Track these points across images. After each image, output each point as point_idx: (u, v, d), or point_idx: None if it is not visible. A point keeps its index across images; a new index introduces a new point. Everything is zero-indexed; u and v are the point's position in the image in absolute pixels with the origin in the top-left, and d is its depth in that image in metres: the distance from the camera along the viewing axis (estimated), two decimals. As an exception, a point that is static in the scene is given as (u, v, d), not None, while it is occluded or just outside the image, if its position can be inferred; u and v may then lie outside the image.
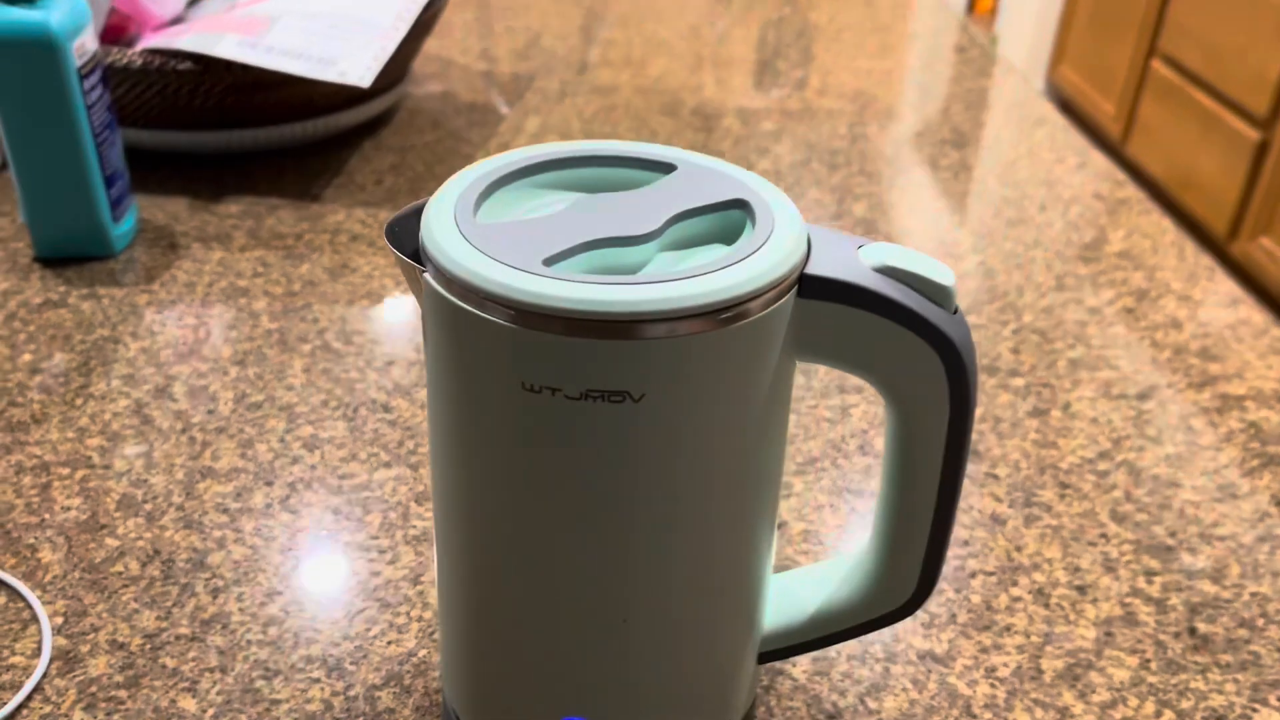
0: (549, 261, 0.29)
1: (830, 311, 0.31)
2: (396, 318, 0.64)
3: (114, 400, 0.56)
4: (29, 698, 0.41)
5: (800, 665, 0.44)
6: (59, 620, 0.44)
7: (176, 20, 0.83)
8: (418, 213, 0.33)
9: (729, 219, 0.33)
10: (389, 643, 0.44)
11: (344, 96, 0.81)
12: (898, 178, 0.83)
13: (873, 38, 1.13)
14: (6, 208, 0.73)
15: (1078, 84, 3.03)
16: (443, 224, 0.30)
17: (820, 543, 0.50)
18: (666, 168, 0.34)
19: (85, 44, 0.64)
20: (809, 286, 0.31)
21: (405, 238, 0.33)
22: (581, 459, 0.30)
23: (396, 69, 0.85)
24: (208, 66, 0.73)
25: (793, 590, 0.39)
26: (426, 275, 0.30)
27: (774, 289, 0.29)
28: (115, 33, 0.80)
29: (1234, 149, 2.30)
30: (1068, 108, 3.17)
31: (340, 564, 0.47)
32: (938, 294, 0.31)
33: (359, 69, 0.73)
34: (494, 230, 0.30)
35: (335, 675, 0.43)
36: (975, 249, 0.74)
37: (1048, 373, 0.62)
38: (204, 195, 0.76)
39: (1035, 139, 0.90)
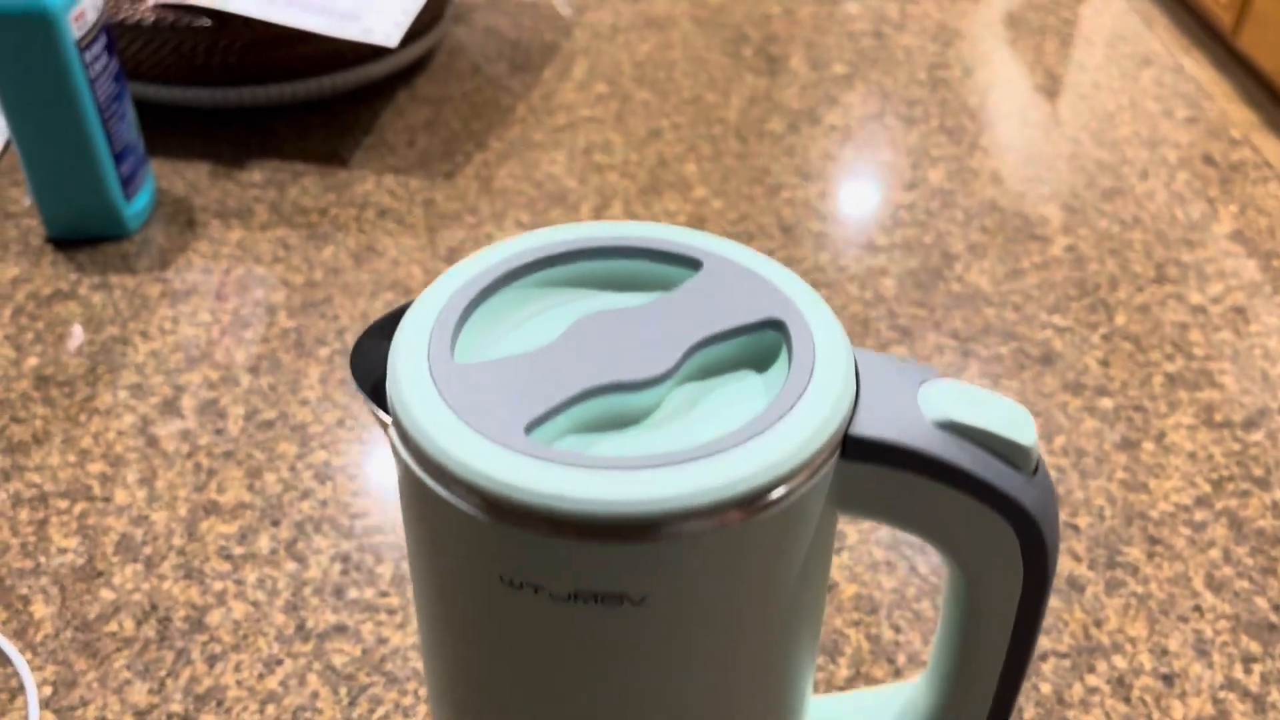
0: (534, 425, 0.24)
1: (880, 475, 0.25)
2: (422, 315, 0.59)
3: (119, 416, 0.53)
4: (11, 788, 0.39)
5: (843, 771, 0.39)
6: (48, 691, 0.42)
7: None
8: (390, 327, 0.28)
9: (760, 339, 0.27)
10: (394, 728, 0.41)
11: (373, 47, 0.75)
12: (981, 136, 0.75)
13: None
14: (20, 183, 0.69)
15: (1187, -34, 2.80)
16: (412, 367, 0.25)
17: (873, 610, 0.45)
18: (691, 263, 0.29)
19: (85, 12, 0.58)
20: (854, 449, 0.25)
21: (373, 361, 0.28)
22: (571, 664, 0.25)
23: (433, 8, 0.78)
24: (224, 22, 0.67)
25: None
26: (393, 433, 0.25)
27: (810, 465, 0.24)
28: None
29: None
30: (1174, -9, 2.94)
31: (346, 628, 0.44)
32: (1014, 454, 0.26)
33: (385, 25, 0.66)
34: (472, 374, 0.25)
35: (334, 768, 0.39)
36: (1065, 229, 0.66)
37: (1141, 392, 0.55)
38: (225, 159, 0.71)
39: (1140, 85, 0.81)
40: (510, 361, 0.25)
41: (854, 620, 0.44)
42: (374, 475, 0.50)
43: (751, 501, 0.23)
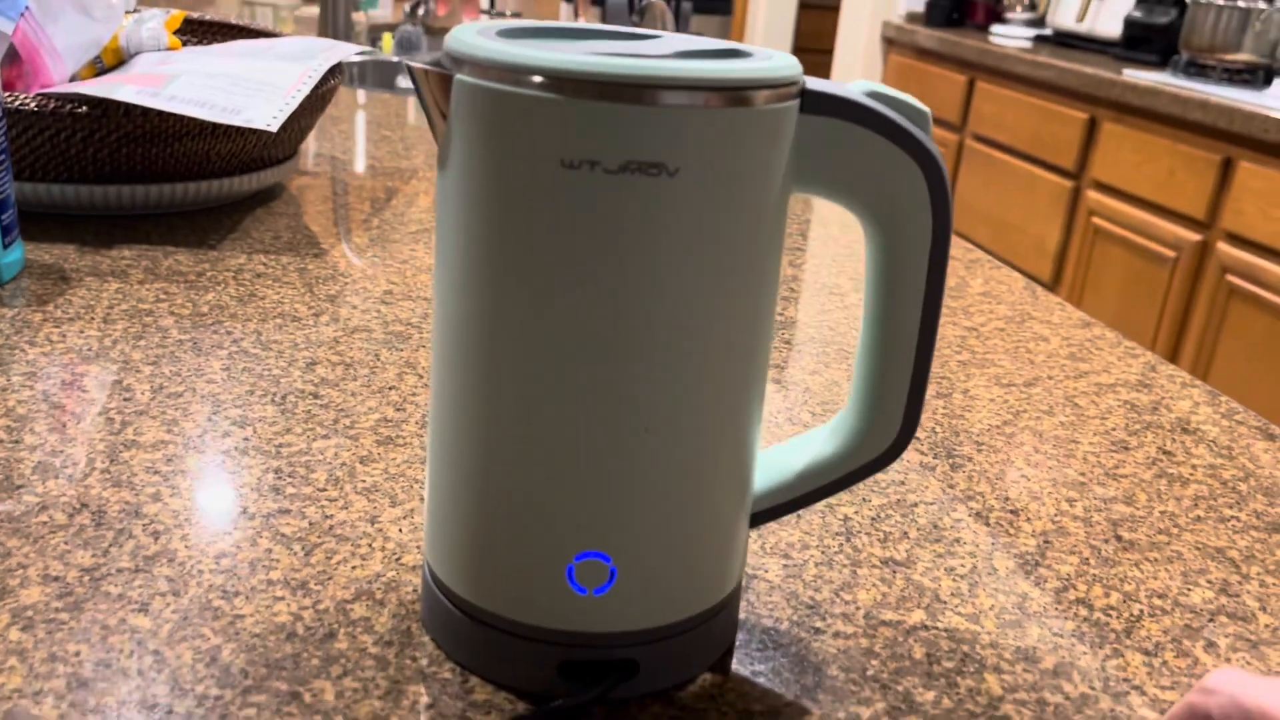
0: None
1: (828, 129, 0.34)
2: (314, 332, 0.63)
3: (17, 392, 0.53)
4: (-44, 620, 0.37)
5: (771, 570, 0.44)
6: (-19, 559, 0.40)
7: (71, 80, 0.83)
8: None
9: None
10: (353, 568, 0.42)
11: (239, 161, 0.82)
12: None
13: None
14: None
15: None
16: (470, 35, 0.32)
17: (768, 486, 0.51)
18: (657, 36, 0.38)
19: (-9, 64, 0.63)
20: (811, 102, 0.34)
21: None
22: (616, 237, 0.31)
23: (289, 144, 0.87)
24: (106, 111, 0.73)
25: (779, 456, 0.40)
26: (459, 76, 0.32)
27: (781, 85, 0.32)
28: (5, 87, 0.78)
29: (1027, 309, 2.53)
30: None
31: (290, 509, 0.45)
32: (918, 118, 0.35)
33: (265, 116, 0.74)
34: (520, 37, 0.32)
35: (301, 594, 0.40)
36: (856, 288, 0.79)
37: (943, 368, 0.66)
38: (91, 242, 0.74)
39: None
40: (547, 38, 0.33)
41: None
42: (294, 422, 0.53)
43: (746, 89, 0.31)
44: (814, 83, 0.34)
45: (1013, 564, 0.46)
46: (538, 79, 0.30)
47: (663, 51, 0.34)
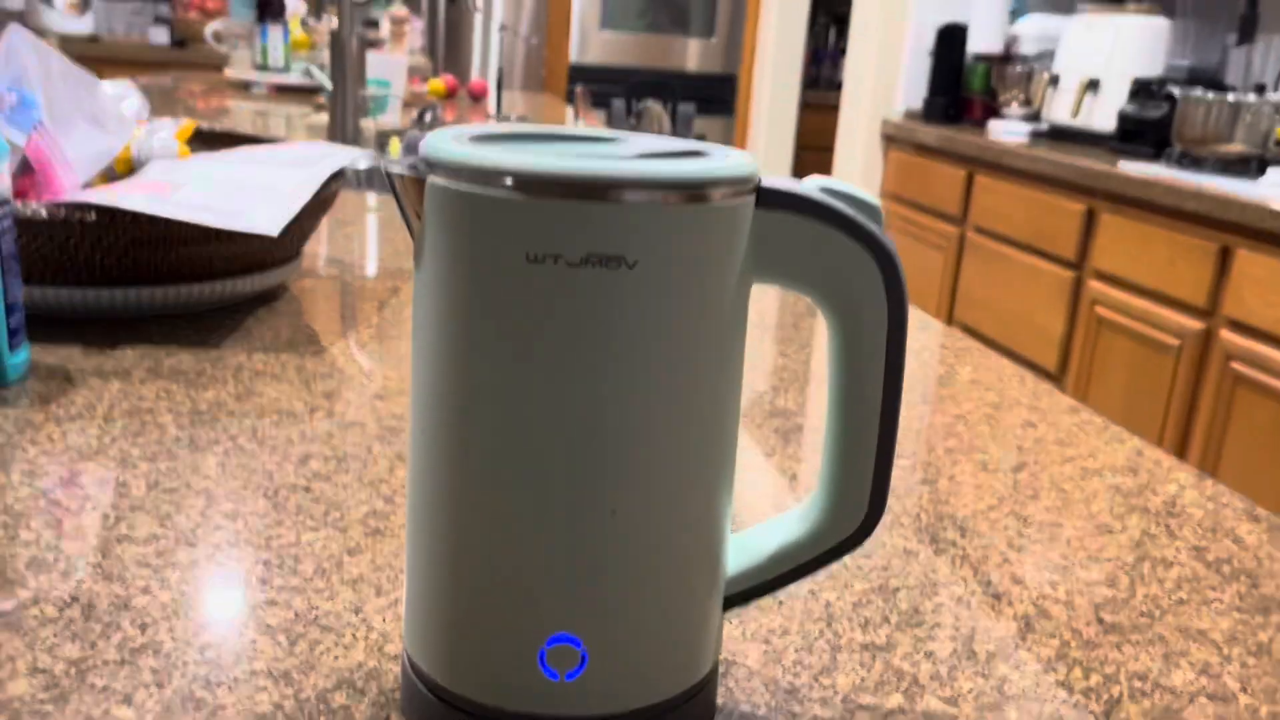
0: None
1: (783, 222, 0.36)
2: (309, 427, 0.64)
3: (15, 489, 0.54)
4: (-58, 712, 0.38)
5: (751, 656, 0.45)
6: (-30, 653, 0.41)
7: (85, 187, 0.86)
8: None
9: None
10: (336, 657, 0.43)
11: (243, 263, 0.84)
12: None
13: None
14: (-115, 352, 0.71)
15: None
16: (444, 140, 0.34)
17: (751, 573, 0.51)
18: (622, 139, 0.40)
19: (3, 176, 0.66)
20: (766, 198, 0.35)
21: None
22: (579, 326, 0.32)
23: (292, 245, 0.89)
24: (114, 218, 0.76)
25: (751, 540, 0.41)
26: (432, 179, 0.34)
27: (737, 183, 0.34)
28: (17, 196, 0.82)
29: (1034, 398, 2.53)
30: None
31: (278, 600, 0.46)
32: (870, 212, 0.37)
33: (266, 220, 0.77)
34: (489, 143, 0.34)
35: (284, 683, 0.41)
36: (845, 379, 0.80)
37: (930, 455, 0.67)
38: (96, 344, 0.76)
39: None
40: (514, 143, 0.35)
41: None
42: (285, 515, 0.54)
43: (703, 186, 0.33)
44: (770, 180, 0.36)
45: (993, 647, 0.46)
46: (504, 180, 0.32)
47: (625, 153, 0.36)
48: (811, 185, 0.37)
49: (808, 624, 0.47)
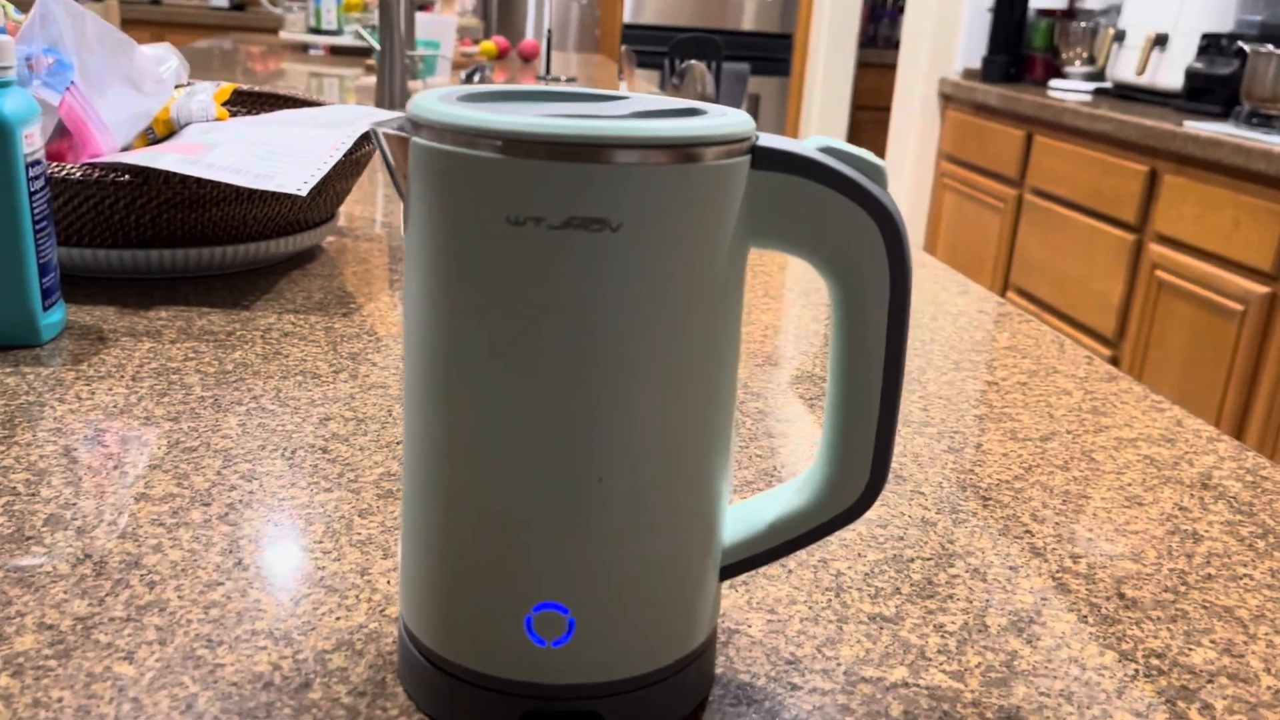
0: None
1: (780, 184, 0.35)
2: (332, 388, 0.65)
3: (40, 446, 0.55)
4: (-50, 665, 0.38)
5: (755, 625, 0.44)
6: (-17, 607, 0.42)
7: (124, 150, 0.86)
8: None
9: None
10: (338, 618, 0.43)
11: (276, 225, 0.85)
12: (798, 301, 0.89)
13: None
14: (-73, 311, 0.73)
15: (944, 320, 3.25)
16: (431, 100, 0.34)
17: (763, 541, 0.51)
18: (621, 98, 0.39)
19: (35, 135, 0.67)
20: (762, 158, 0.34)
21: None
22: (563, 290, 0.32)
23: (326, 207, 0.90)
24: (147, 179, 0.76)
25: (750, 509, 0.40)
26: (415, 139, 0.33)
27: (731, 143, 0.33)
28: (53, 158, 0.83)
29: (1091, 365, 2.48)
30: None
31: (284, 559, 0.46)
32: (873, 173, 0.35)
33: (296, 181, 0.77)
34: (476, 103, 0.34)
35: (283, 644, 0.41)
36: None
37: (958, 423, 0.65)
38: (131, 304, 0.77)
39: (917, 276, 0.98)
40: (503, 102, 0.34)
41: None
42: (300, 476, 0.54)
43: (692, 146, 0.32)
44: (766, 139, 0.35)
45: (1005, 621, 0.45)
46: (483, 140, 0.31)
47: (618, 112, 0.35)
48: (812, 144, 0.35)
49: (816, 593, 0.46)
